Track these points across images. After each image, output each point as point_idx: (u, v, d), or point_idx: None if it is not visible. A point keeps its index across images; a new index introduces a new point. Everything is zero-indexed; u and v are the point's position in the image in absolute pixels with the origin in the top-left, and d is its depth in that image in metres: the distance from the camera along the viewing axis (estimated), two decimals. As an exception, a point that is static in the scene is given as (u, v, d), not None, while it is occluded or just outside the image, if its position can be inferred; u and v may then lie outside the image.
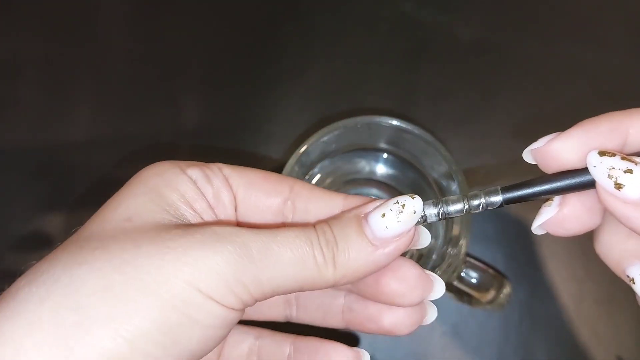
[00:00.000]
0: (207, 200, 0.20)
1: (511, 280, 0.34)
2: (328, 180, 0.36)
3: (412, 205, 0.19)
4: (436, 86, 0.40)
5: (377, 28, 0.42)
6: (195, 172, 0.20)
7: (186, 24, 0.42)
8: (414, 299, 0.21)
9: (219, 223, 0.20)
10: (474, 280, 0.32)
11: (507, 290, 0.33)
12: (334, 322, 0.23)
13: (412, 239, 0.20)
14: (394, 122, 0.31)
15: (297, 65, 0.41)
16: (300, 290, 0.19)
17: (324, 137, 0.31)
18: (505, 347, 0.35)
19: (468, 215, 0.30)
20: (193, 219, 0.20)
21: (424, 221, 0.20)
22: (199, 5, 0.43)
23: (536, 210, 0.19)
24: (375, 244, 0.19)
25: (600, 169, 0.18)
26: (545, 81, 0.40)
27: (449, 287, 0.32)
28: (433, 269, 0.31)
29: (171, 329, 0.17)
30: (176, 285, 0.17)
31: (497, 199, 0.20)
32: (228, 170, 0.21)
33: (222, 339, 0.19)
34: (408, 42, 0.42)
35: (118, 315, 0.16)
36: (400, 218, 0.19)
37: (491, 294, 0.32)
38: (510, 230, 0.37)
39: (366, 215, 0.20)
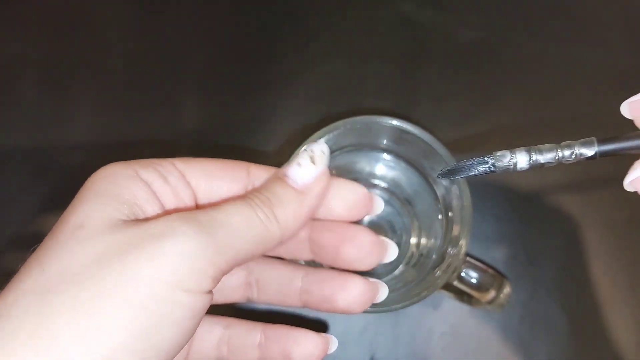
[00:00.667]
0: (161, 202, 0.20)
1: (511, 280, 0.34)
2: (328, 181, 0.35)
3: (319, 147, 0.22)
4: (436, 86, 0.40)
5: (376, 28, 0.42)
6: (149, 173, 0.20)
7: (186, 24, 0.42)
8: (370, 263, 0.23)
9: (173, 211, 0.20)
10: (473, 281, 0.32)
11: (507, 290, 0.33)
12: (292, 302, 0.24)
13: (328, 177, 0.22)
14: (394, 122, 0.31)
15: (296, 65, 0.41)
16: (256, 252, 0.20)
17: (324, 137, 0.31)
18: (505, 348, 0.35)
19: (468, 215, 0.30)
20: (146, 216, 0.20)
21: (514, 167, 0.20)
22: (198, 6, 0.43)
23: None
24: (301, 190, 0.21)
25: None
26: (545, 81, 0.40)
27: (449, 287, 0.32)
28: (433, 269, 0.31)
29: (144, 331, 0.17)
30: (142, 284, 0.17)
31: (592, 150, 0.19)
32: (182, 164, 0.22)
33: (196, 328, 0.19)
34: (407, 42, 0.42)
35: (90, 333, 0.16)
36: (313, 161, 0.21)
37: (491, 294, 0.32)
38: (510, 230, 0.37)
39: (285, 172, 0.21)
